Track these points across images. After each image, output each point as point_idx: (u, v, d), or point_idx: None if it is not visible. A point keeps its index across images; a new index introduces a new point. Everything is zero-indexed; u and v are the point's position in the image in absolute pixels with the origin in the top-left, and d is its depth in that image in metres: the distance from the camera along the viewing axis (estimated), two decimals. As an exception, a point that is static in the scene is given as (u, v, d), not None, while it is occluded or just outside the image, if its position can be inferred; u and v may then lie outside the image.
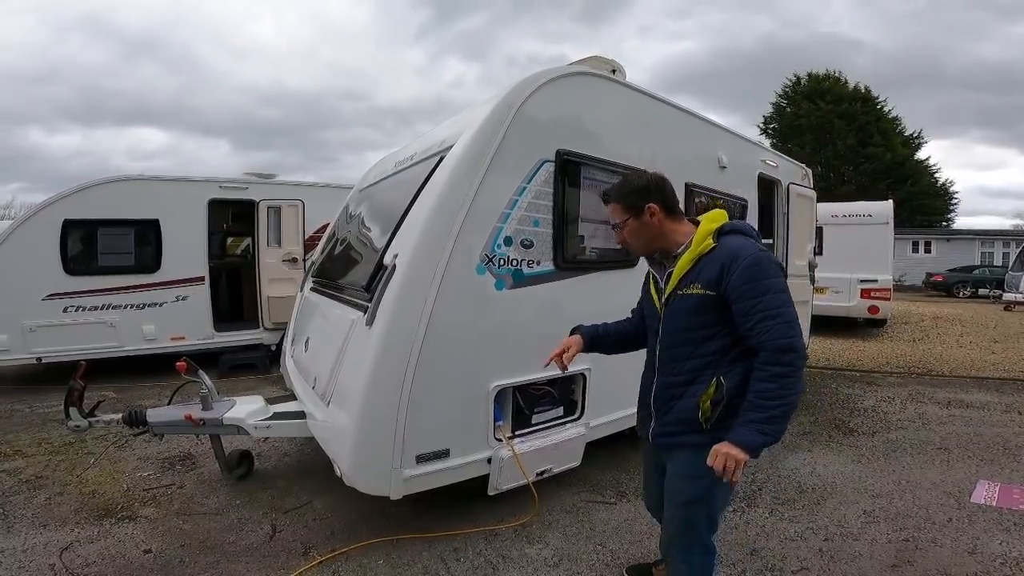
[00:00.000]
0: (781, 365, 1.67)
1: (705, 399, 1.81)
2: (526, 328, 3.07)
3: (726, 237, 1.85)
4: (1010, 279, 16.50)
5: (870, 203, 11.03)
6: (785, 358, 1.67)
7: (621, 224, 1.98)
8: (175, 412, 3.30)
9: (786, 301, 1.73)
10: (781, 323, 1.68)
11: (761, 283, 1.72)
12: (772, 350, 1.67)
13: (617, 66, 3.91)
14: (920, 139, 34.45)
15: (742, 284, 1.72)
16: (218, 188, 7.17)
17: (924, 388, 6.35)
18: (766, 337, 1.68)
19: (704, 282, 1.80)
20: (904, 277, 24.97)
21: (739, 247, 1.79)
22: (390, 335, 2.65)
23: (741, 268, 1.73)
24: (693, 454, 1.83)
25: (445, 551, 2.80)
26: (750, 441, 1.66)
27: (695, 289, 1.81)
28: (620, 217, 1.98)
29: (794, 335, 1.69)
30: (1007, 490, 3.51)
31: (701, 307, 1.81)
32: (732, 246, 1.80)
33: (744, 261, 1.74)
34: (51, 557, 2.74)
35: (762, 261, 1.75)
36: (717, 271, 1.77)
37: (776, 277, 1.74)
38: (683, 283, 1.86)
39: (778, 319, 1.69)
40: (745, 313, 1.73)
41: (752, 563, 2.71)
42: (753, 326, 1.71)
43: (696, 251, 1.84)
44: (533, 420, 3.19)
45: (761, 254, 1.77)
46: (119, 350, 6.51)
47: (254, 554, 2.78)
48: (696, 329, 1.84)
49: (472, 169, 2.83)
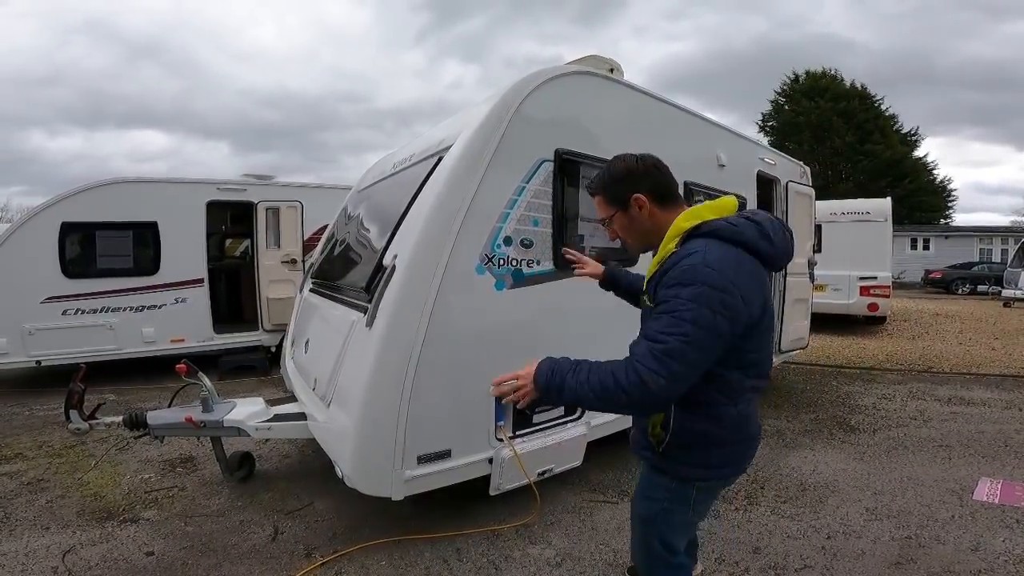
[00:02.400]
0: (627, 379, 1.36)
1: (655, 423, 1.63)
2: (526, 328, 3.07)
3: (695, 241, 1.50)
4: (1009, 276, 16.50)
5: (869, 200, 11.05)
6: (631, 379, 1.36)
7: (607, 219, 1.74)
8: (176, 414, 3.29)
9: (683, 332, 1.34)
10: (648, 351, 1.36)
11: (679, 292, 1.38)
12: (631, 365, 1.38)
13: (615, 65, 3.91)
14: (918, 136, 34.55)
15: (663, 290, 1.45)
16: (216, 190, 7.16)
17: (924, 385, 6.35)
18: (635, 349, 1.41)
19: (650, 294, 1.55)
20: (903, 274, 24.99)
21: (686, 255, 1.44)
22: (390, 336, 2.65)
23: (668, 277, 1.44)
24: (650, 472, 1.74)
25: (447, 552, 2.79)
26: (539, 377, 1.49)
27: (648, 299, 1.57)
28: (605, 212, 1.74)
29: (657, 370, 1.33)
30: (1009, 487, 3.51)
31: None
32: (682, 254, 1.47)
33: (674, 270, 1.43)
34: (54, 560, 2.73)
35: (694, 270, 1.39)
36: (658, 281, 1.50)
37: (701, 294, 1.36)
38: (648, 289, 1.60)
39: (654, 344, 1.36)
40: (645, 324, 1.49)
41: (755, 561, 2.71)
42: (638, 337, 1.46)
43: (660, 254, 1.57)
44: (534, 420, 3.18)
45: (698, 268, 1.39)
46: (118, 352, 6.50)
47: (256, 556, 2.78)
48: None
49: (471, 169, 2.83)
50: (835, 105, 32.37)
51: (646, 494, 1.77)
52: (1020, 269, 16.00)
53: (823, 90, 33.29)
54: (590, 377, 1.43)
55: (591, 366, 1.47)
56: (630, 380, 1.36)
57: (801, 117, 33.11)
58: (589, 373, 1.44)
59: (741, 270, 1.44)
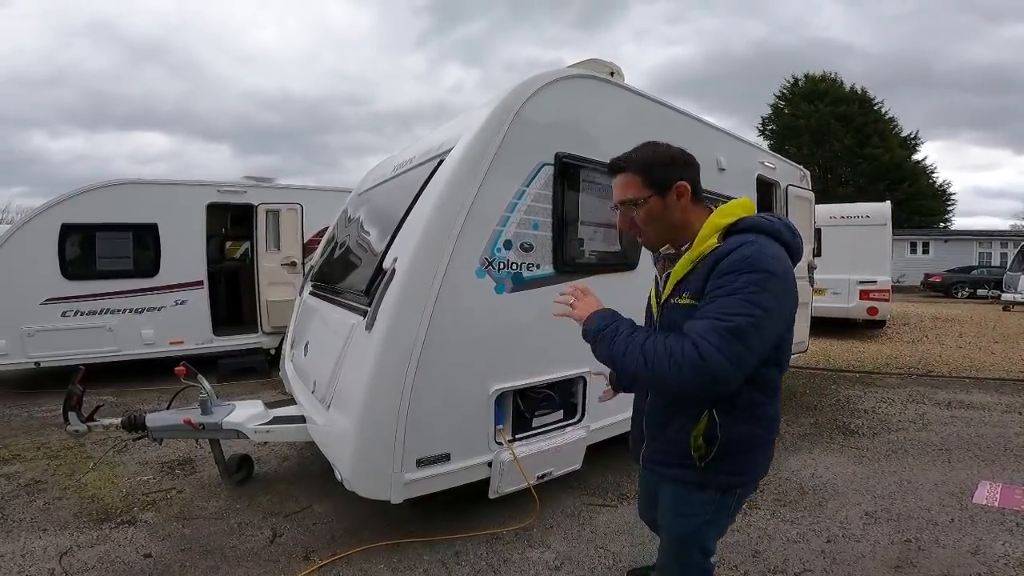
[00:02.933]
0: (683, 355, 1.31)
1: (697, 435, 1.53)
2: (526, 331, 3.07)
3: (735, 236, 1.46)
4: (1008, 279, 16.51)
5: (868, 204, 11.07)
6: (690, 354, 1.31)
7: (638, 201, 1.57)
8: (174, 416, 3.29)
9: (748, 312, 1.31)
10: (717, 327, 1.31)
11: (738, 277, 1.34)
12: (690, 341, 1.33)
13: (615, 68, 3.91)
14: (917, 140, 34.59)
15: (716, 279, 1.39)
16: (216, 192, 7.16)
17: (924, 389, 6.35)
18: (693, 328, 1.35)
19: (693, 291, 1.46)
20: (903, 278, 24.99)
21: (739, 246, 1.40)
22: (390, 339, 2.65)
23: (725, 264, 1.38)
24: (684, 490, 1.63)
25: (446, 555, 2.79)
26: (596, 321, 1.53)
27: (684, 299, 1.49)
28: (638, 193, 1.56)
29: (722, 348, 1.29)
30: (1009, 490, 3.51)
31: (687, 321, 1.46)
32: (731, 246, 1.42)
33: (732, 256, 1.38)
34: (51, 561, 2.72)
35: (755, 258, 1.36)
36: (704, 276, 1.43)
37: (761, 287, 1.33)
38: (677, 290, 1.53)
39: (719, 321, 1.31)
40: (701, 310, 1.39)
41: (754, 565, 2.71)
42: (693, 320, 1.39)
43: (696, 252, 1.49)
44: (534, 423, 3.18)
45: (758, 255, 1.37)
46: (117, 354, 6.49)
47: (255, 558, 2.77)
48: None
49: (471, 172, 2.83)
50: (834, 109, 32.42)
51: (681, 511, 1.66)
52: (1020, 273, 16.02)
53: (823, 94, 33.33)
54: (646, 341, 1.40)
55: (648, 332, 1.46)
56: (686, 355, 1.31)
57: (801, 121, 33.14)
58: (646, 338, 1.42)
59: (789, 264, 1.46)
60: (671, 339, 1.38)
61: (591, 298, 1.62)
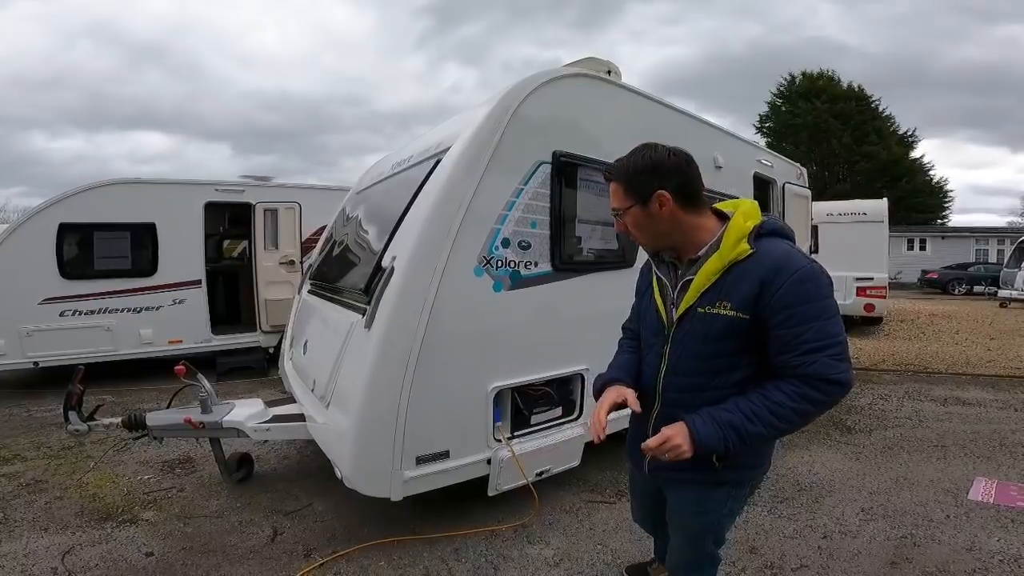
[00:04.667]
0: (819, 393, 1.38)
1: None
2: (524, 329, 3.09)
3: (765, 240, 1.47)
4: (1005, 276, 16.57)
5: (865, 201, 11.10)
6: (828, 388, 1.38)
7: (621, 211, 1.58)
8: (175, 416, 3.30)
9: (840, 327, 1.41)
10: (831, 355, 1.37)
11: (815, 305, 1.39)
12: (818, 379, 1.38)
13: (613, 67, 3.92)
14: (914, 137, 34.65)
15: (790, 306, 1.39)
16: (214, 191, 7.15)
17: (921, 386, 6.38)
18: (811, 370, 1.38)
19: (739, 301, 1.44)
20: (900, 275, 25.06)
21: (785, 256, 1.43)
22: (389, 337, 2.66)
23: (788, 284, 1.39)
24: (702, 489, 1.63)
25: (446, 552, 2.80)
26: (705, 437, 1.41)
27: (724, 309, 1.46)
28: (620, 203, 1.57)
29: (845, 369, 1.39)
30: (1004, 487, 3.53)
31: (729, 332, 1.46)
32: (776, 255, 1.43)
33: (793, 275, 1.39)
34: (53, 561, 2.74)
35: (815, 276, 1.41)
36: (756, 287, 1.41)
37: (830, 298, 1.42)
38: (707, 298, 1.49)
39: (829, 349, 1.38)
40: (788, 341, 1.40)
41: (751, 561, 2.73)
42: (794, 358, 1.40)
43: (728, 257, 1.46)
44: (532, 421, 3.20)
45: (814, 267, 1.42)
46: (116, 354, 6.49)
47: (255, 556, 2.78)
48: (718, 357, 1.51)
49: (469, 171, 2.84)
50: (832, 106, 32.44)
51: (701, 510, 1.66)
52: (1016, 270, 16.06)
53: (820, 91, 33.36)
54: (778, 421, 1.40)
55: (761, 404, 1.42)
56: (831, 391, 1.38)
57: (798, 119, 33.17)
58: (771, 413, 1.40)
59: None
60: (790, 388, 1.40)
61: (669, 430, 1.45)
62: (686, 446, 1.41)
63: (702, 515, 1.68)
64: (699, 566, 1.83)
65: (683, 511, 1.73)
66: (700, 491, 1.64)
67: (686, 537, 1.78)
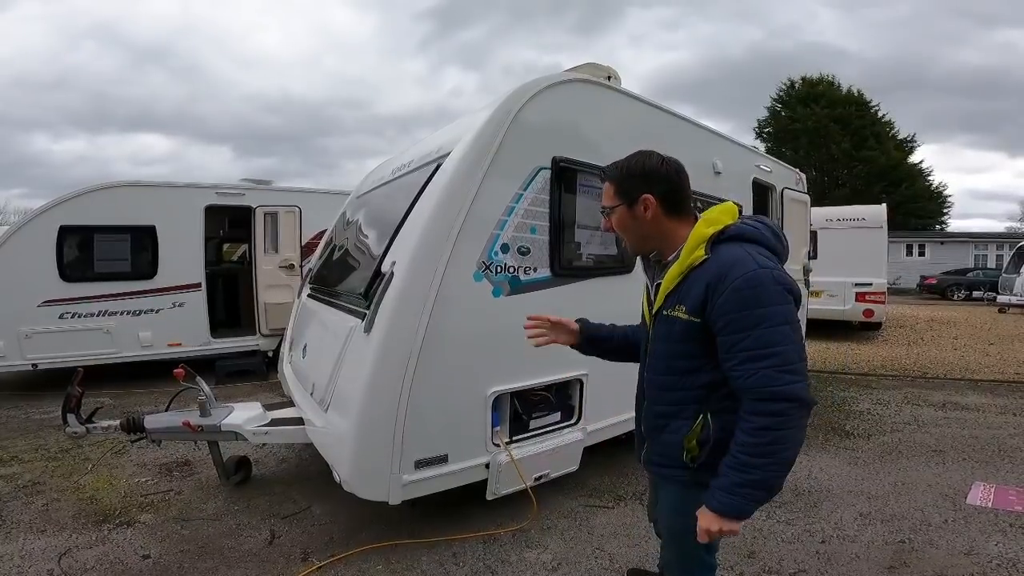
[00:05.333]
0: (768, 415, 1.36)
1: (691, 438, 1.56)
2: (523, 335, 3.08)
3: (723, 246, 1.50)
4: (1004, 281, 16.57)
5: (864, 207, 11.13)
6: (774, 407, 1.36)
7: (608, 209, 1.66)
8: (173, 419, 3.30)
9: (785, 336, 1.39)
10: (771, 365, 1.36)
11: (752, 312, 1.39)
12: (756, 398, 1.38)
13: (613, 73, 3.95)
14: (914, 142, 34.70)
15: (728, 312, 1.41)
16: (215, 194, 7.18)
17: (919, 391, 6.38)
18: (750, 382, 1.38)
19: (690, 305, 1.49)
20: (899, 280, 25.08)
21: (732, 262, 1.44)
22: (388, 342, 2.67)
23: (729, 291, 1.41)
24: (680, 489, 1.66)
25: (444, 556, 2.80)
26: (728, 507, 1.40)
27: (681, 312, 1.52)
28: (609, 201, 1.65)
29: (788, 381, 1.36)
30: (1002, 492, 3.53)
31: (685, 335, 1.52)
32: (724, 260, 1.45)
33: (734, 282, 1.40)
34: (49, 563, 2.73)
35: (759, 282, 1.40)
36: (703, 293, 1.46)
37: (776, 304, 1.40)
38: (670, 301, 1.56)
39: (768, 359, 1.37)
40: (728, 349, 1.43)
41: (749, 566, 2.73)
42: (734, 367, 1.41)
43: (685, 263, 1.51)
44: (531, 425, 3.20)
45: (760, 273, 1.41)
46: (115, 356, 6.50)
47: (253, 560, 2.78)
48: (680, 358, 1.57)
49: (469, 176, 2.85)
50: (831, 111, 32.50)
51: (679, 509, 1.66)
52: (1015, 275, 16.07)
53: (819, 96, 33.44)
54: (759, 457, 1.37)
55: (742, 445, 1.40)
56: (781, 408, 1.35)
57: (797, 124, 33.24)
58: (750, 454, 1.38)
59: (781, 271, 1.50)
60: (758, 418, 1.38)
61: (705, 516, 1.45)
62: (716, 525, 1.42)
63: (678, 515, 1.69)
64: (690, 571, 1.82)
65: (665, 508, 1.80)
66: (680, 491, 1.67)
67: (669, 535, 1.83)
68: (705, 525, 1.44)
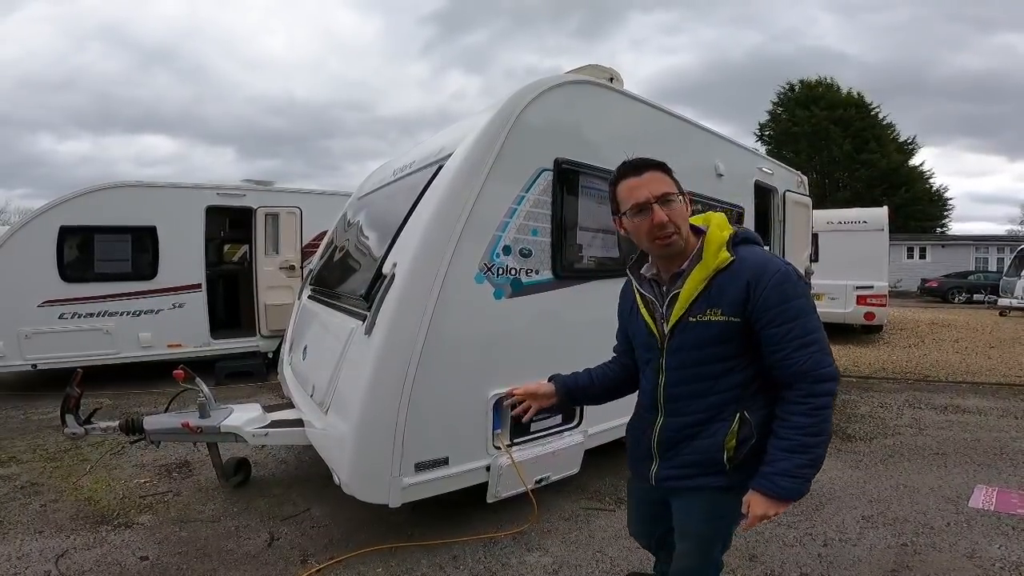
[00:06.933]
0: (823, 395, 1.47)
1: (730, 438, 1.57)
2: (525, 337, 3.08)
3: (742, 247, 1.58)
4: (1005, 284, 16.56)
5: (865, 210, 11.16)
6: (827, 387, 1.47)
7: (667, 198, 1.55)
8: (172, 420, 3.29)
9: (819, 323, 1.52)
10: (818, 350, 1.48)
11: (792, 304, 1.49)
12: (812, 380, 1.47)
13: (615, 74, 3.94)
14: (914, 145, 34.69)
15: (773, 306, 1.49)
16: (215, 195, 7.17)
17: (921, 394, 6.36)
18: (807, 366, 1.47)
19: (728, 306, 1.52)
20: (900, 283, 25.07)
21: (763, 261, 1.55)
22: (389, 344, 2.66)
23: (770, 287, 1.49)
24: (715, 495, 1.64)
25: (444, 559, 2.79)
26: (791, 490, 1.47)
27: (714, 315, 1.53)
28: (670, 187, 1.57)
29: (830, 362, 1.50)
30: (1005, 495, 3.52)
31: (723, 336, 1.54)
32: (755, 260, 1.54)
33: (772, 278, 1.49)
34: (47, 564, 2.72)
35: (790, 277, 1.52)
36: (742, 291, 1.51)
37: (806, 296, 1.53)
38: (697, 307, 1.56)
39: (815, 345, 1.48)
40: (778, 341, 1.49)
41: (751, 569, 2.72)
42: (788, 355, 1.49)
43: (712, 266, 1.54)
44: (531, 428, 3.18)
45: (788, 269, 1.54)
46: (115, 357, 6.48)
47: (252, 562, 2.77)
48: (716, 361, 1.58)
49: (471, 177, 2.84)
50: (831, 113, 32.49)
51: (716, 515, 1.68)
52: (1016, 278, 16.07)
53: (818, 98, 33.43)
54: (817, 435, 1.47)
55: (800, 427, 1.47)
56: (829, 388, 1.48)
57: (798, 127, 33.23)
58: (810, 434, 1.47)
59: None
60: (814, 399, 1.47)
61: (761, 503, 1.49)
62: (773, 510, 1.48)
63: (714, 521, 1.70)
64: (704, 572, 1.82)
65: (694, 518, 1.73)
66: (711, 497, 1.65)
67: (695, 544, 1.77)
68: (761, 512, 1.48)
